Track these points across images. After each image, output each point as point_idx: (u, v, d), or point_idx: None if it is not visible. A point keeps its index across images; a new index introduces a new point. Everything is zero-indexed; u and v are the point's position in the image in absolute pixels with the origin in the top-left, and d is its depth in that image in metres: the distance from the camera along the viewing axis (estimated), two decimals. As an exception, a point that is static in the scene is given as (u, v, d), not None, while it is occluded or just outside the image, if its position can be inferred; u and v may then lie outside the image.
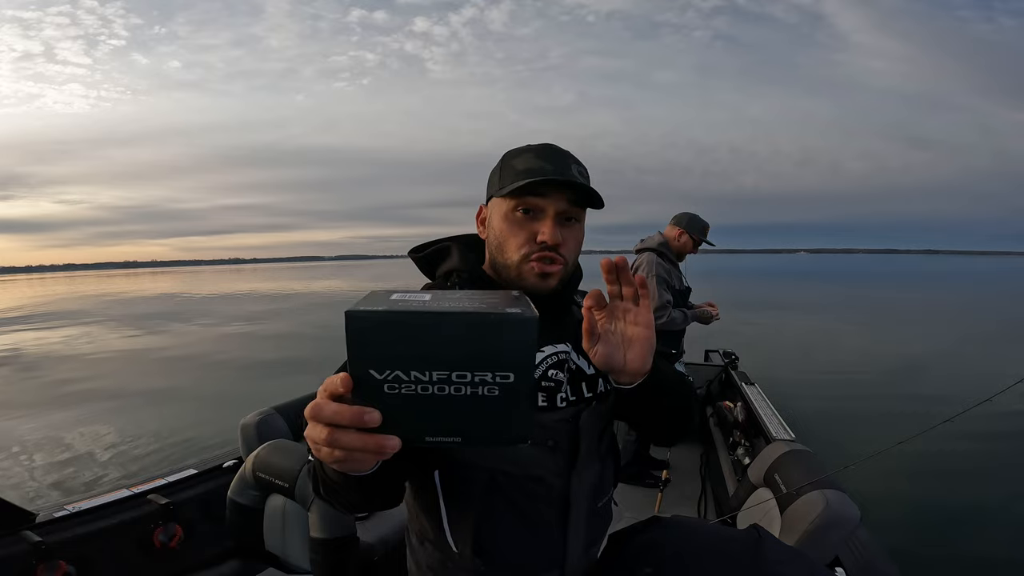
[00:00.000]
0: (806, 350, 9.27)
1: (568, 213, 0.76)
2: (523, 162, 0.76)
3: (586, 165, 0.80)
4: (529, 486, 0.76)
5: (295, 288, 34.05)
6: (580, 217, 0.79)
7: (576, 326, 0.86)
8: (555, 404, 0.78)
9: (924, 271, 50.67)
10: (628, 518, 0.90)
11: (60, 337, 13.59)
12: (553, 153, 0.77)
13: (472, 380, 0.41)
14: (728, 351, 3.75)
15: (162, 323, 16.17)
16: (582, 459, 0.79)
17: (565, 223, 0.76)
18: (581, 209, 0.78)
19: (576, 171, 0.76)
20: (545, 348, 0.79)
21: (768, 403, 2.67)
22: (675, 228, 2.76)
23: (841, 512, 1.36)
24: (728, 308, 3.05)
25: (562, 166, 0.75)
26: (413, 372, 0.40)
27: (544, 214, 0.75)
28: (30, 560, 1.48)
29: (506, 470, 0.75)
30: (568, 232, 0.77)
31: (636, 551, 0.85)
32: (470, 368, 0.41)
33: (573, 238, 0.78)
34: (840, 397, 6.21)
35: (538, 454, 0.76)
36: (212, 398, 6.79)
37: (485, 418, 0.42)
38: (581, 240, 0.80)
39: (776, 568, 0.78)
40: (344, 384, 0.41)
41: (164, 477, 1.97)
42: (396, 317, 0.40)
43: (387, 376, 0.40)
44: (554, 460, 0.77)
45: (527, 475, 0.76)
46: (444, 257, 0.87)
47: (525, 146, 0.79)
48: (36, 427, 5.77)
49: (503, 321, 0.40)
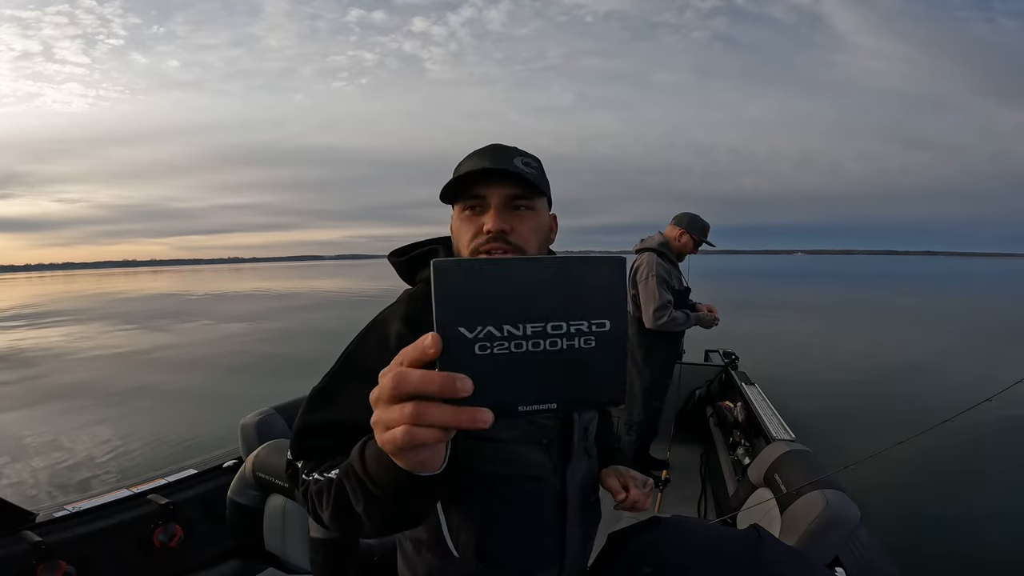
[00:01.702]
0: (806, 350, 9.28)
1: (515, 202, 0.75)
2: (465, 165, 0.77)
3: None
4: (527, 486, 0.77)
5: (295, 287, 34.05)
6: (534, 205, 0.77)
7: None
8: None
9: (924, 273, 50.67)
10: (628, 518, 0.90)
11: (59, 336, 13.59)
12: (494, 151, 0.77)
13: (568, 331, 0.37)
14: (728, 351, 3.75)
15: (162, 322, 16.17)
16: (575, 455, 0.82)
17: (515, 211, 0.76)
18: (532, 198, 0.77)
19: (520, 163, 0.75)
20: None
21: (768, 403, 2.67)
22: (676, 228, 2.76)
23: (841, 512, 1.36)
24: (727, 308, 3.05)
25: (502, 159, 0.75)
26: (507, 327, 0.36)
27: (487, 206, 0.75)
28: (30, 560, 1.48)
29: (504, 472, 0.76)
30: (518, 219, 0.75)
31: (636, 551, 0.85)
32: (567, 317, 0.37)
33: (524, 225, 0.76)
34: (840, 397, 6.21)
35: (533, 453, 0.78)
36: (212, 398, 6.79)
37: (582, 375, 0.38)
38: (538, 227, 0.78)
39: (776, 568, 0.78)
40: (435, 343, 0.35)
41: (164, 477, 1.97)
42: (489, 265, 0.36)
43: (479, 334, 0.36)
44: (549, 458, 0.79)
45: (525, 475, 0.77)
46: (424, 262, 0.84)
47: (473, 150, 0.80)
48: (36, 427, 5.77)
49: (598, 261, 0.38)
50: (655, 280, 2.60)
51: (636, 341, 2.75)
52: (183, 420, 5.76)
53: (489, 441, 0.74)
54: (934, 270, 58.07)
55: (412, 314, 0.76)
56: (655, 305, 2.59)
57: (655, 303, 2.59)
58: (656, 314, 2.59)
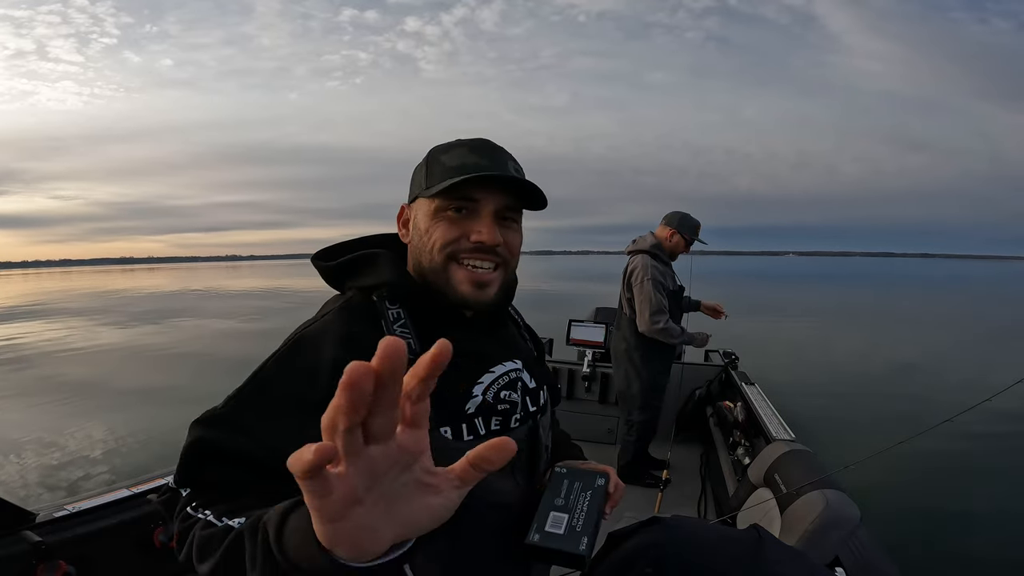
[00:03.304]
0: (806, 351, 9.28)
1: (506, 213, 0.69)
2: (455, 157, 0.67)
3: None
4: (492, 515, 0.70)
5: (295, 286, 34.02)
6: (518, 219, 0.72)
7: (520, 340, 0.83)
8: (510, 426, 0.73)
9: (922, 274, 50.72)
10: (628, 518, 0.90)
11: (57, 333, 13.56)
12: (489, 148, 0.69)
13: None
14: (728, 351, 3.75)
15: (160, 320, 16.14)
16: (539, 476, 0.79)
17: (502, 223, 0.69)
18: (519, 211, 0.71)
19: (513, 168, 0.69)
20: (495, 368, 0.73)
21: (768, 403, 2.67)
22: (667, 228, 2.76)
23: (841, 512, 1.36)
24: (727, 309, 3.06)
25: (499, 162, 0.68)
26: None
27: (479, 212, 0.67)
28: (30, 560, 1.48)
29: (467, 503, 0.70)
30: (508, 233, 0.69)
31: (636, 551, 0.85)
32: None
33: (514, 239, 0.70)
34: (840, 397, 6.22)
35: (498, 480, 0.70)
36: (212, 396, 6.68)
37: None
38: (520, 244, 0.72)
39: (776, 568, 0.78)
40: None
41: (164, 477, 1.97)
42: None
43: None
44: (514, 483, 0.74)
45: (490, 503, 0.70)
46: (366, 268, 0.73)
47: (456, 140, 0.71)
48: (36, 427, 5.76)
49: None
50: (651, 284, 2.59)
51: (633, 342, 2.74)
52: (183, 419, 5.71)
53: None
54: (932, 272, 58.14)
55: (351, 333, 0.65)
56: (651, 310, 2.58)
57: (651, 308, 2.58)
58: (652, 319, 2.58)
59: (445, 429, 0.65)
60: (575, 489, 0.73)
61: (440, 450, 0.41)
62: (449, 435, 0.66)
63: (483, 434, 0.69)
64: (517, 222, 0.72)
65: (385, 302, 0.68)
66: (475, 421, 0.69)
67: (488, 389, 0.71)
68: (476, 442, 0.51)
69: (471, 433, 0.68)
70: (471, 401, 0.69)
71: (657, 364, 2.77)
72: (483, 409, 0.70)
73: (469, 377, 0.70)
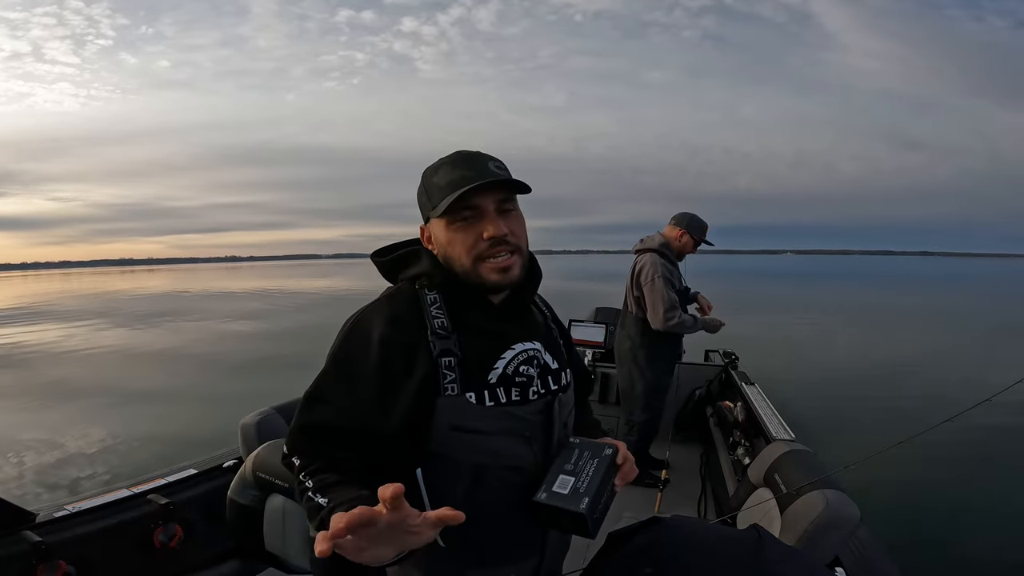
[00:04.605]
0: (806, 350, 9.29)
1: (504, 205, 0.79)
2: (443, 176, 0.79)
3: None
4: (510, 477, 0.81)
5: (294, 286, 34.03)
6: (515, 204, 0.82)
7: (543, 325, 0.93)
8: (528, 398, 0.82)
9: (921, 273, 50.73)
10: (628, 518, 0.90)
11: (57, 334, 13.57)
12: (468, 159, 0.79)
13: None
14: (728, 351, 3.75)
15: (160, 321, 16.15)
16: (555, 447, 0.85)
17: (503, 214, 0.80)
18: (513, 199, 0.82)
19: (493, 167, 0.79)
20: (516, 346, 0.83)
21: (768, 403, 2.68)
22: (676, 228, 2.76)
23: (841, 512, 1.36)
24: (727, 309, 3.06)
25: (480, 168, 0.78)
26: None
27: (483, 213, 0.78)
28: (30, 560, 1.48)
29: (488, 463, 0.79)
30: (511, 220, 0.80)
31: (636, 551, 0.86)
32: None
33: (517, 224, 0.81)
34: (840, 397, 6.22)
35: (516, 446, 0.81)
36: (212, 398, 6.78)
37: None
38: (524, 223, 0.84)
39: (776, 568, 0.78)
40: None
41: (164, 477, 1.97)
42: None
43: None
44: (531, 450, 0.82)
45: (507, 466, 0.80)
46: (412, 261, 0.87)
47: (438, 161, 0.82)
48: (36, 427, 5.76)
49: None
50: (661, 281, 2.60)
51: (638, 341, 2.75)
52: (183, 420, 5.76)
53: (472, 433, 0.77)
54: (931, 270, 58.14)
55: (395, 314, 0.78)
56: (665, 306, 2.59)
57: (664, 304, 2.59)
58: (667, 315, 2.59)
59: (470, 395, 0.77)
60: (584, 457, 0.82)
61: (466, 411, 0.76)
62: (473, 400, 0.77)
63: (504, 402, 0.80)
64: (515, 207, 0.82)
65: (425, 289, 0.82)
66: (497, 391, 0.80)
67: (509, 364, 0.81)
68: (496, 408, 0.79)
69: (492, 399, 0.79)
70: (493, 372, 0.80)
71: (661, 364, 2.77)
72: (503, 380, 0.80)
73: (492, 352, 0.81)
